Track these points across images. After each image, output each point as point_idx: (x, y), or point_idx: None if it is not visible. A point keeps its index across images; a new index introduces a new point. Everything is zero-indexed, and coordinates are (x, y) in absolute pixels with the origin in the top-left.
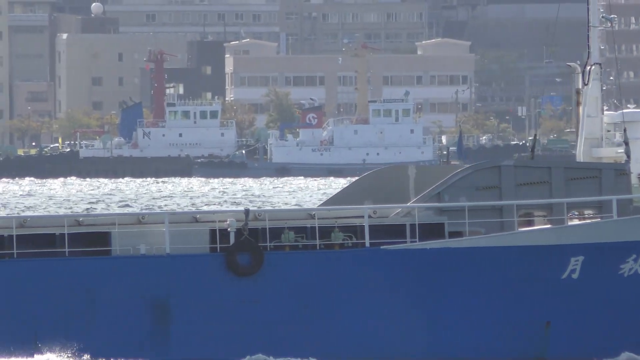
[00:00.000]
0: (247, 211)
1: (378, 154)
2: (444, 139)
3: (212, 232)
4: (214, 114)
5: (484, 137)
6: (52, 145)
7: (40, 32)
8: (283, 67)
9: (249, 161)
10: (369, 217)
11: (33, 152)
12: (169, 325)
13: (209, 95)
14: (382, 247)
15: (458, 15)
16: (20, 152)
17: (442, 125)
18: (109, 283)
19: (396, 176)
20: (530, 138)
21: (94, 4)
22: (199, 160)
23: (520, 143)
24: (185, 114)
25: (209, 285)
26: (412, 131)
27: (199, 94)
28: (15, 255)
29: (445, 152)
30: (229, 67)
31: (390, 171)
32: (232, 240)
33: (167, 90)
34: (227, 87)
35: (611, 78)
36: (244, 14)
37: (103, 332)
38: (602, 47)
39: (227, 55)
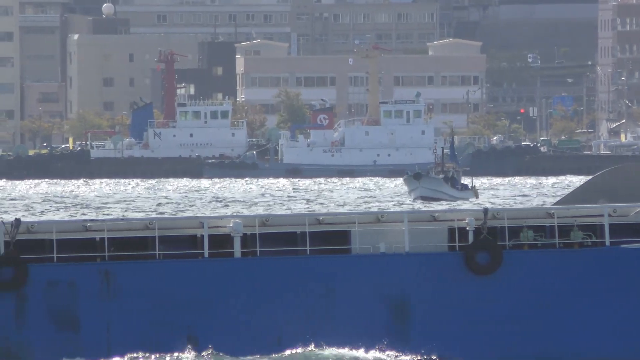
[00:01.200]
0: (486, 210)
1: (389, 155)
2: (455, 139)
3: (451, 230)
4: (224, 114)
5: (494, 138)
6: (63, 146)
7: (51, 33)
8: (294, 67)
9: (260, 162)
10: (609, 215)
11: (44, 152)
12: (408, 323)
13: (219, 95)
14: (622, 246)
15: (469, 16)
16: (32, 152)
17: (453, 126)
18: (349, 281)
19: (634, 174)
20: (542, 138)
21: (105, 4)
22: (209, 161)
23: (532, 144)
24: (196, 114)
25: (448, 284)
26: (423, 132)
27: (209, 94)
28: (258, 254)
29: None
30: (239, 67)
31: (627, 169)
32: (470, 239)
33: (178, 91)
34: (238, 87)
35: (622, 78)
36: (255, 15)
37: (342, 330)
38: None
39: (238, 56)
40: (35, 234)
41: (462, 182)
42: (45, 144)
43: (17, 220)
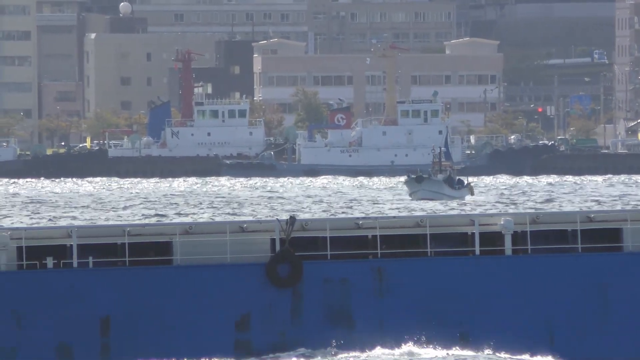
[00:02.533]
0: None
1: (407, 155)
2: (472, 138)
3: None
4: (242, 113)
5: (512, 137)
6: (80, 145)
7: (68, 32)
8: (311, 66)
9: (278, 163)
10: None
11: (62, 151)
12: None
13: (237, 94)
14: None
15: (486, 15)
16: (49, 151)
17: (470, 124)
18: (622, 279)
19: None
20: (559, 137)
21: (122, 3)
22: (227, 162)
23: (549, 143)
24: (214, 113)
25: None
26: (440, 132)
27: (227, 93)
28: (529, 251)
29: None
30: (257, 66)
31: None
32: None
33: (195, 90)
34: (255, 86)
35: None
36: (272, 14)
37: (616, 329)
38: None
39: (255, 55)
40: (309, 232)
41: (460, 178)
42: (62, 143)
43: (292, 218)
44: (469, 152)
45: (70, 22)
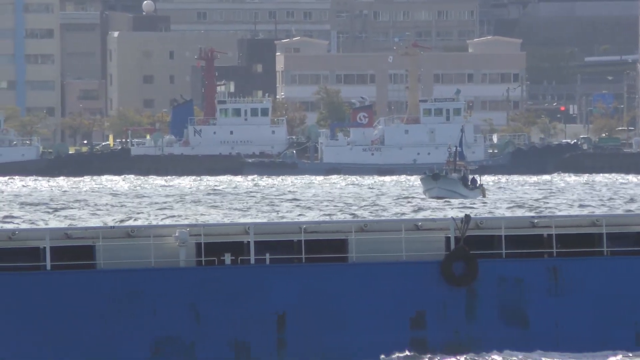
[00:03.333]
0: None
1: (429, 153)
2: (494, 137)
3: None
4: (264, 112)
5: (540, 136)
6: (103, 143)
7: (91, 30)
8: (334, 65)
9: (300, 161)
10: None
11: (84, 150)
12: None
13: (259, 93)
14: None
15: (509, 13)
16: (72, 150)
17: (492, 123)
18: None
19: None
20: (582, 136)
21: (145, 1)
22: (250, 161)
23: (572, 142)
24: (236, 112)
25: None
26: (462, 130)
27: (249, 92)
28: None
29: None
30: (279, 65)
31: None
32: None
33: (218, 88)
34: (277, 85)
35: None
36: (294, 12)
37: None
38: None
39: (277, 53)
40: (484, 230)
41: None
42: (85, 141)
43: (468, 216)
44: (491, 150)
45: (93, 20)
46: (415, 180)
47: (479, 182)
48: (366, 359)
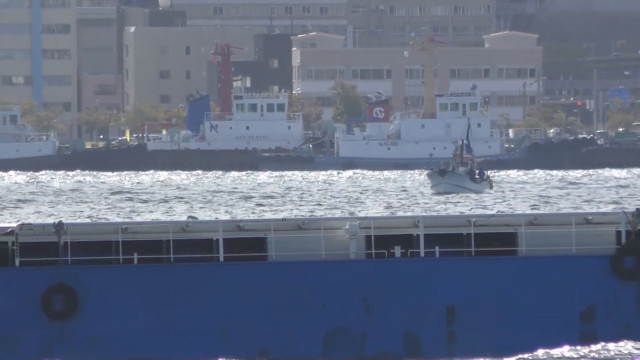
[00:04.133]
0: None
1: (445, 148)
2: (511, 132)
3: None
4: (280, 107)
5: (551, 131)
6: (119, 138)
7: (108, 25)
8: (350, 60)
9: (316, 156)
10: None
11: (101, 145)
12: None
13: (275, 88)
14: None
15: (526, 8)
16: (88, 145)
17: (509, 118)
18: None
19: None
20: (599, 131)
21: None
22: (266, 155)
23: (589, 137)
24: (253, 107)
25: None
26: (479, 125)
27: (265, 87)
28: None
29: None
30: (295, 60)
31: None
32: None
33: (234, 83)
34: (293, 80)
35: None
36: (311, 7)
37: None
38: None
39: (294, 49)
40: None
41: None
42: (101, 136)
43: (639, 210)
44: (507, 145)
45: (109, 15)
46: None
47: (486, 174)
48: (535, 353)
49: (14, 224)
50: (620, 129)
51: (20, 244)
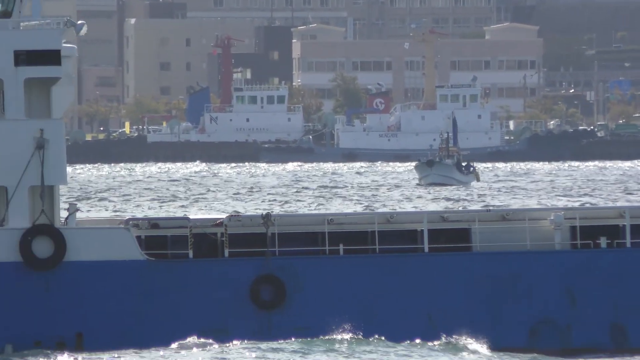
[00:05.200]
0: None
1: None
2: (511, 124)
3: None
4: (281, 99)
5: (552, 122)
6: (120, 130)
7: (108, 17)
8: (350, 52)
9: (316, 147)
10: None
11: (101, 137)
12: None
13: (276, 80)
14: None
15: (526, 0)
16: (89, 137)
17: (509, 110)
18: None
19: None
20: (599, 123)
21: None
22: (266, 146)
23: (589, 128)
24: (253, 99)
25: None
26: (479, 117)
27: (266, 79)
28: None
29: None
30: (296, 52)
31: None
32: None
33: (235, 75)
34: (294, 72)
35: None
36: None
37: None
38: None
39: (294, 40)
40: None
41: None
42: (102, 128)
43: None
44: (508, 137)
45: (110, 7)
46: None
47: (472, 167)
48: None
49: (223, 216)
50: (621, 121)
51: (229, 235)
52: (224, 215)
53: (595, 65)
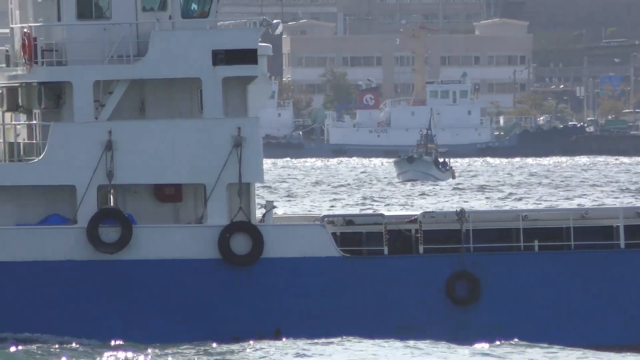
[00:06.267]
0: None
1: (435, 135)
2: (501, 119)
3: None
4: (270, 95)
5: (541, 118)
6: None
7: None
8: (340, 47)
9: (306, 142)
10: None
11: None
12: None
13: None
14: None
15: None
16: None
17: (499, 105)
18: None
19: None
20: (589, 119)
21: None
22: None
23: (579, 124)
24: None
25: None
26: (469, 112)
27: None
28: None
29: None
30: (286, 47)
31: None
32: None
33: None
34: (284, 67)
35: None
36: None
37: None
38: None
39: (284, 36)
40: None
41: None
42: None
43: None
44: (497, 133)
45: None
46: None
47: (448, 165)
48: None
49: (418, 212)
50: (611, 117)
51: (423, 232)
52: (417, 212)
53: (585, 61)
